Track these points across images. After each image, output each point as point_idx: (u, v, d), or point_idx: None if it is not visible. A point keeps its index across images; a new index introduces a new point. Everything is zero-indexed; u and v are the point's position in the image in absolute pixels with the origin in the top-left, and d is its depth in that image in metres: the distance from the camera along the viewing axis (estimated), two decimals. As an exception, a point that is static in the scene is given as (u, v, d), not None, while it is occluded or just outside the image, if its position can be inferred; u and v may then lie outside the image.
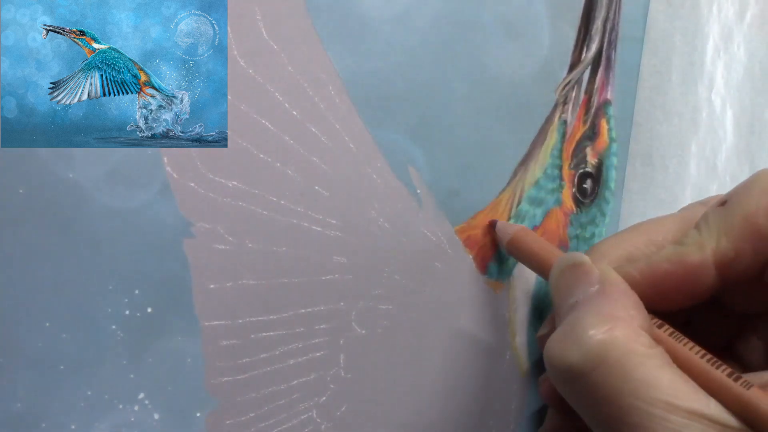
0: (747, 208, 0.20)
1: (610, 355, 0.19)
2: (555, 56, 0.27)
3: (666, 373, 0.19)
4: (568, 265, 0.22)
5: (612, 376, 0.19)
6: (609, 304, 0.20)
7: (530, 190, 0.27)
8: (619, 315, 0.20)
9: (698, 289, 0.21)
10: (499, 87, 0.26)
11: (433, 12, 0.23)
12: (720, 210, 0.21)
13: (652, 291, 0.21)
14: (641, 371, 0.18)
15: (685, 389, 0.18)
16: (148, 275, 0.18)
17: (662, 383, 0.18)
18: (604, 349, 0.19)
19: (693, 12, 0.35)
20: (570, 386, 0.20)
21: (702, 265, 0.21)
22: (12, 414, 0.17)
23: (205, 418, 0.20)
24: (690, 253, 0.21)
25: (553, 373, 0.20)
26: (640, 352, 0.19)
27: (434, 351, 0.25)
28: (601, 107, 0.30)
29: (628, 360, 0.19)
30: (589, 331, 0.19)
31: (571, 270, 0.22)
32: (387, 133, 0.23)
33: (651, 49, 0.33)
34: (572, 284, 0.21)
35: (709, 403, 0.18)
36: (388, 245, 0.23)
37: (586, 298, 0.21)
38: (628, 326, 0.19)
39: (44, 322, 0.17)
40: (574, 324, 0.20)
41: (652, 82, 0.34)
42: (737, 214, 0.21)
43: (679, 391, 0.18)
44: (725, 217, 0.21)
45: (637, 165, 0.34)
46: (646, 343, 0.19)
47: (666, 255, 0.22)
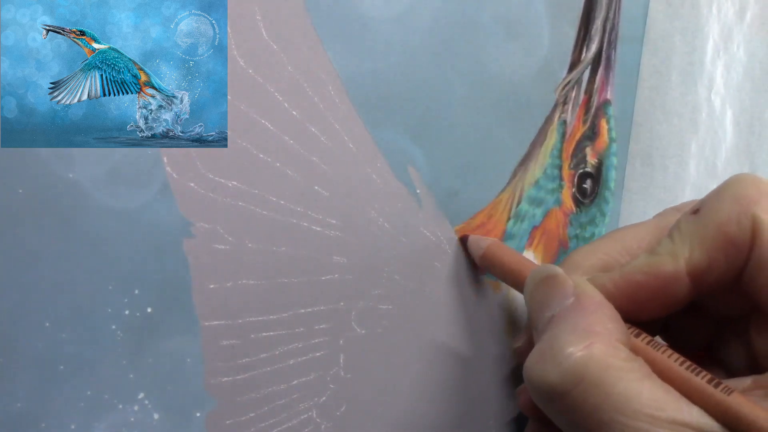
0: (719, 216, 0.20)
1: (589, 372, 0.19)
2: (555, 56, 0.27)
3: (646, 385, 0.18)
4: (541, 277, 0.22)
5: (592, 393, 0.18)
6: (585, 319, 0.20)
7: (530, 190, 0.27)
8: (596, 330, 0.19)
9: (673, 298, 0.21)
10: (499, 87, 0.26)
11: (433, 12, 0.23)
12: (693, 218, 0.21)
13: (626, 302, 0.21)
14: (621, 386, 0.18)
15: (666, 399, 0.18)
16: (148, 275, 0.18)
17: (643, 396, 0.18)
18: (582, 367, 0.19)
19: (693, 12, 0.35)
20: (551, 405, 0.20)
21: (675, 275, 0.21)
22: (12, 414, 0.17)
23: (205, 418, 0.20)
24: (663, 264, 0.21)
25: (534, 393, 0.20)
26: (619, 367, 0.19)
27: (434, 351, 0.25)
28: (600, 107, 0.30)
29: (607, 375, 0.18)
30: (566, 349, 0.19)
31: (545, 282, 0.22)
32: (387, 133, 0.23)
33: (651, 49, 0.33)
34: (547, 297, 0.21)
35: (692, 411, 0.18)
36: (388, 245, 0.23)
37: (562, 312, 0.20)
38: (605, 341, 0.19)
39: (44, 322, 0.17)
40: (551, 342, 0.20)
41: (652, 82, 0.34)
42: (710, 223, 0.20)
43: (660, 401, 0.18)
44: (698, 226, 0.21)
45: (637, 165, 0.34)
46: (624, 357, 0.19)
47: (639, 266, 0.21)
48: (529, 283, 0.22)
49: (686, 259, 0.21)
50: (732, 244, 0.20)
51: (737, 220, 0.20)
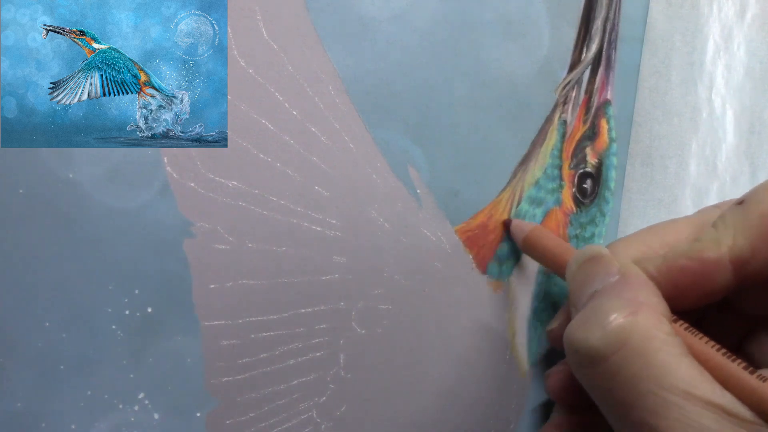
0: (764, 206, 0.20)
1: (632, 338, 0.19)
2: (555, 56, 0.27)
3: (684, 362, 0.19)
4: (586, 258, 0.22)
5: (633, 360, 0.19)
6: (631, 290, 0.20)
7: (530, 190, 0.27)
8: (641, 300, 0.20)
9: (714, 286, 0.21)
10: (499, 87, 0.26)
11: (432, 12, 0.23)
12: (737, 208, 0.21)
13: (668, 287, 0.21)
14: (661, 357, 0.18)
15: (701, 379, 0.18)
16: (148, 275, 0.18)
17: (681, 371, 0.18)
18: (626, 333, 0.19)
19: (693, 12, 0.35)
20: (589, 370, 0.20)
21: (718, 261, 0.21)
22: (12, 414, 0.17)
23: (205, 418, 0.20)
24: (706, 249, 0.21)
25: (573, 357, 0.20)
26: (662, 339, 0.19)
27: (434, 351, 0.25)
28: (601, 107, 0.30)
29: (649, 345, 0.19)
30: (611, 314, 0.19)
31: (589, 263, 0.22)
32: (387, 133, 0.23)
33: (651, 49, 0.33)
34: (591, 276, 0.22)
35: (725, 395, 0.18)
36: (388, 245, 0.23)
37: (607, 287, 0.21)
38: (650, 312, 0.19)
39: (44, 322, 0.17)
40: (596, 308, 0.20)
41: (652, 82, 0.34)
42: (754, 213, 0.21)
43: (696, 380, 0.18)
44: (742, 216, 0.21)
45: (637, 165, 0.34)
46: (667, 331, 0.19)
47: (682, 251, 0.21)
48: (573, 264, 0.23)
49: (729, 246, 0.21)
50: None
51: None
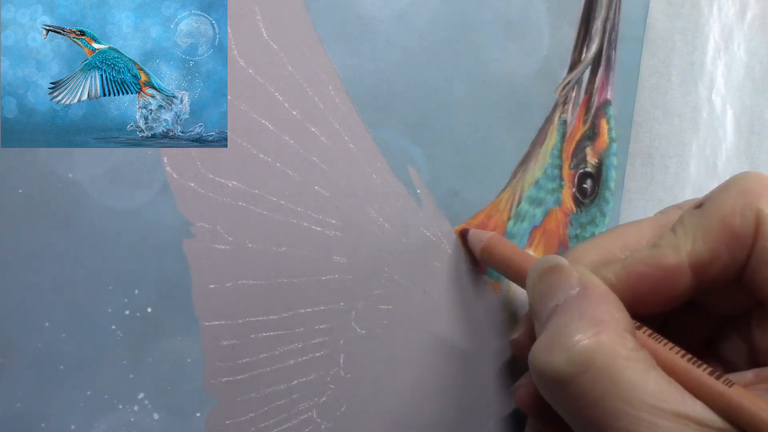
0: (723, 210, 0.20)
1: (597, 359, 0.19)
2: (555, 56, 0.27)
3: (651, 376, 0.18)
4: (545, 268, 0.22)
5: (599, 380, 0.18)
6: (592, 307, 0.20)
7: (530, 190, 0.27)
8: (603, 318, 0.19)
9: (675, 291, 0.21)
10: (499, 87, 0.26)
11: (433, 11, 0.23)
12: (696, 212, 0.21)
13: (628, 294, 0.21)
14: (628, 375, 0.18)
15: (669, 391, 0.18)
16: (148, 275, 0.18)
17: (648, 386, 0.18)
18: (590, 354, 0.19)
19: (693, 12, 0.35)
20: (557, 393, 0.20)
21: (678, 267, 0.21)
22: (12, 414, 0.17)
23: (205, 419, 0.20)
24: (665, 255, 0.21)
25: (539, 381, 0.20)
26: (626, 356, 0.19)
27: (434, 351, 0.25)
28: (601, 107, 0.30)
29: (614, 364, 0.18)
30: (574, 336, 0.19)
31: (549, 273, 0.21)
32: (387, 133, 0.23)
33: (651, 49, 0.33)
34: (551, 287, 0.21)
35: (695, 404, 0.18)
36: (388, 245, 0.23)
37: (568, 302, 0.20)
38: (613, 329, 0.19)
39: (44, 322, 0.17)
40: (558, 329, 0.20)
41: (652, 82, 0.34)
42: (713, 216, 0.20)
43: (664, 393, 0.18)
44: (701, 220, 0.21)
45: (637, 165, 0.34)
46: (631, 346, 0.19)
47: (641, 257, 0.21)
48: (532, 274, 0.22)
49: (689, 251, 0.20)
50: (735, 237, 0.20)
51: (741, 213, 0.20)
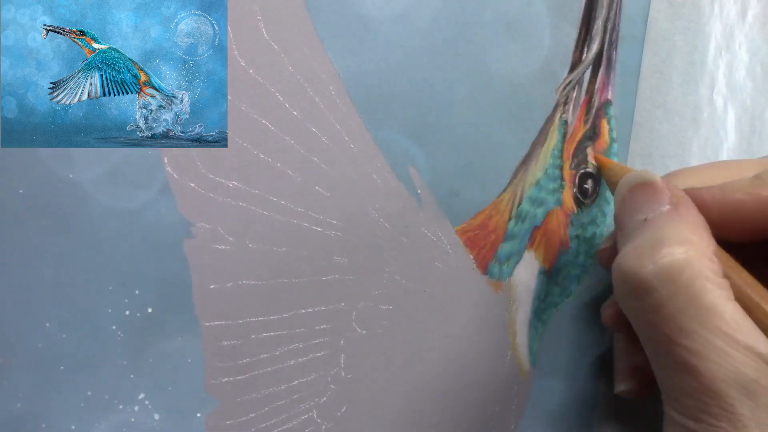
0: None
1: (684, 275, 0.19)
2: (556, 56, 0.27)
3: (730, 306, 0.18)
4: (637, 182, 0.22)
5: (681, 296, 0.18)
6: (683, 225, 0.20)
7: (531, 190, 0.27)
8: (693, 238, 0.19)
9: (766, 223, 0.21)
10: (500, 87, 0.26)
11: (433, 11, 0.23)
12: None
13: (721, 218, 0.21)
14: (709, 298, 0.18)
15: (745, 325, 0.18)
16: (148, 275, 0.18)
17: (727, 314, 0.18)
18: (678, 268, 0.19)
19: (694, 11, 0.35)
20: (637, 302, 0.20)
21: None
22: (12, 414, 0.17)
23: (206, 419, 0.20)
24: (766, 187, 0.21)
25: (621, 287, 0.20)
26: (712, 279, 0.19)
27: (434, 351, 0.25)
28: (601, 107, 0.30)
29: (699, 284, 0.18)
30: (664, 248, 0.19)
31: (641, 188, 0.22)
32: (387, 133, 0.23)
33: (652, 49, 0.33)
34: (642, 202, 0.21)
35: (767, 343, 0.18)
36: (389, 245, 0.23)
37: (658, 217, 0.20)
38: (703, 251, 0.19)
39: (44, 322, 0.17)
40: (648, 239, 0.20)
41: (653, 81, 0.34)
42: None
43: (740, 325, 0.18)
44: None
45: (638, 165, 0.34)
46: (717, 271, 0.19)
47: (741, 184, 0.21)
48: (623, 187, 0.22)
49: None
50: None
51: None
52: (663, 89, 0.34)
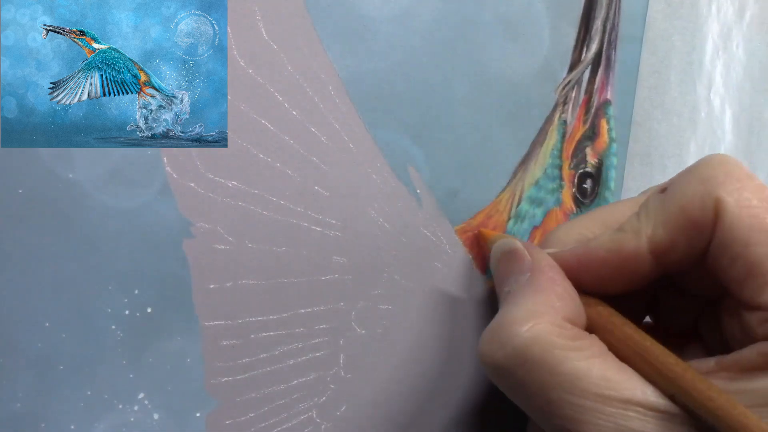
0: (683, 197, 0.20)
1: (533, 351, 0.19)
2: (555, 56, 0.27)
3: (596, 364, 0.18)
4: (503, 251, 0.22)
5: (537, 372, 0.18)
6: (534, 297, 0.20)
7: (530, 190, 0.27)
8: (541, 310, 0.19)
9: (634, 275, 0.21)
10: (499, 87, 0.26)
11: (433, 12, 0.23)
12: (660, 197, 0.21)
13: (588, 276, 0.21)
14: (567, 365, 0.18)
15: (617, 378, 0.18)
16: (148, 275, 0.18)
17: (592, 375, 0.18)
18: (525, 347, 0.19)
19: (692, 11, 0.35)
20: (501, 382, 0.20)
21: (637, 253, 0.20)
22: (12, 414, 0.17)
23: (205, 419, 0.20)
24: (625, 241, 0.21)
25: (485, 369, 0.20)
26: (565, 346, 0.19)
27: (434, 351, 0.25)
28: (601, 107, 0.30)
29: (551, 355, 0.18)
30: (512, 327, 0.19)
31: (505, 257, 0.22)
32: (387, 133, 0.23)
33: (650, 49, 0.33)
34: (508, 271, 0.22)
35: (645, 389, 0.18)
36: (388, 245, 0.23)
37: (517, 289, 0.21)
38: (550, 321, 0.19)
39: (44, 322, 0.17)
40: (501, 320, 0.20)
41: (651, 81, 0.34)
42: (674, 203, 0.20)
43: (611, 381, 0.18)
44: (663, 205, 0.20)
45: (636, 164, 0.34)
46: (571, 335, 0.19)
47: (602, 242, 0.21)
48: (493, 257, 0.23)
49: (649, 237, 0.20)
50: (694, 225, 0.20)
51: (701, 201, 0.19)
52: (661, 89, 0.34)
